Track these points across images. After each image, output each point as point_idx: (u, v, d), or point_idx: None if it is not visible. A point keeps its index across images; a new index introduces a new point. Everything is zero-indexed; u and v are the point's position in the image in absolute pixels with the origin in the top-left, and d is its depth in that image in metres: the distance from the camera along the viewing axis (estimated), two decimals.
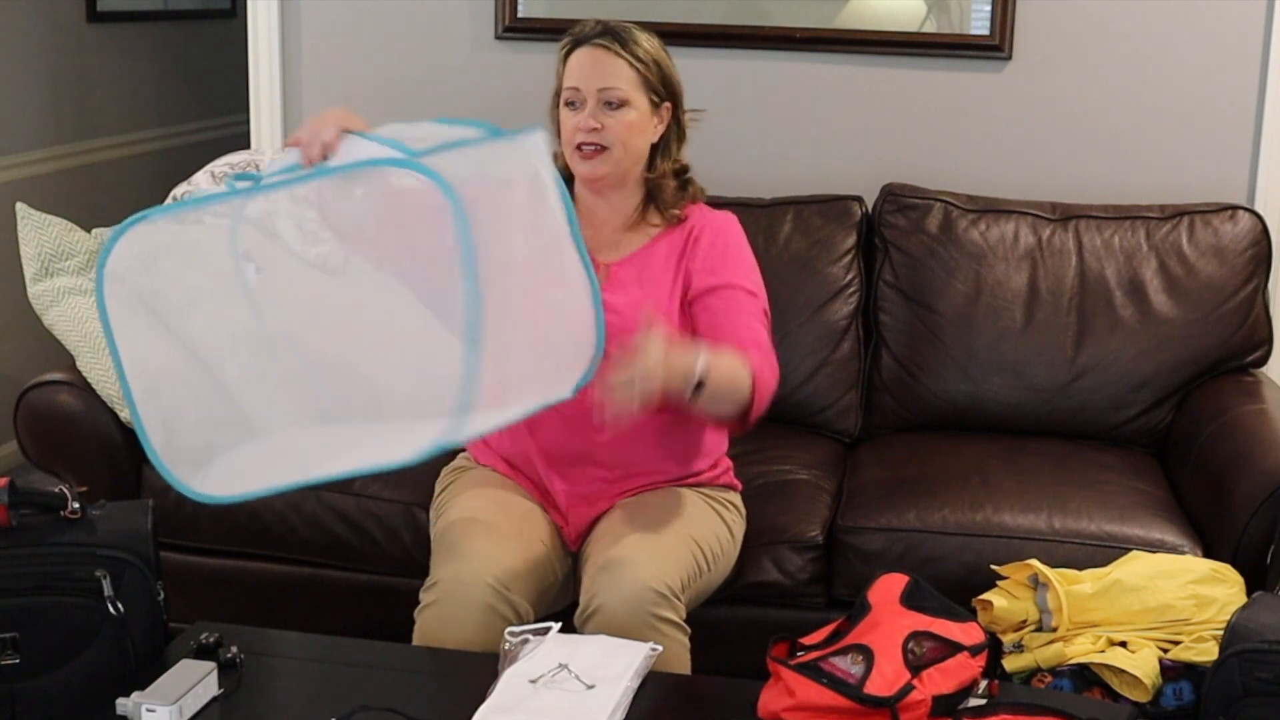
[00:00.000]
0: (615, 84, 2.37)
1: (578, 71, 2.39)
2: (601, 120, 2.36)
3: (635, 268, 2.44)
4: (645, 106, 2.40)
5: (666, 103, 2.43)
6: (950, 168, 3.35)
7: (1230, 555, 2.51)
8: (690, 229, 2.47)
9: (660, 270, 2.44)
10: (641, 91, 2.39)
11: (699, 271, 2.43)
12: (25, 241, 2.98)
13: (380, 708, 1.84)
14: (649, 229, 2.47)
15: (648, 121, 2.41)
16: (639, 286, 2.42)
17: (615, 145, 2.38)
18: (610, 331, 2.31)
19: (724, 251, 2.45)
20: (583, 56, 2.39)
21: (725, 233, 2.48)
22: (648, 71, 2.40)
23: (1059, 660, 2.31)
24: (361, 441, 1.92)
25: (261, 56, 3.59)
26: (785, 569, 2.64)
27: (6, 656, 1.93)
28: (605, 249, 2.45)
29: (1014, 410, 3.08)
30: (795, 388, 3.09)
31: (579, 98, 2.38)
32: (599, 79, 2.37)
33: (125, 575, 1.98)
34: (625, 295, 2.41)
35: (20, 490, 1.98)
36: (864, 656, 1.87)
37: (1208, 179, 3.28)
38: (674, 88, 2.45)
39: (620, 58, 2.38)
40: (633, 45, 2.39)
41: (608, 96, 2.37)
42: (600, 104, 2.37)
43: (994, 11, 3.31)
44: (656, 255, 2.45)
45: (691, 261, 2.44)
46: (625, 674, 1.93)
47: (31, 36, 4.24)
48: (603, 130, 2.36)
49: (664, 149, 2.46)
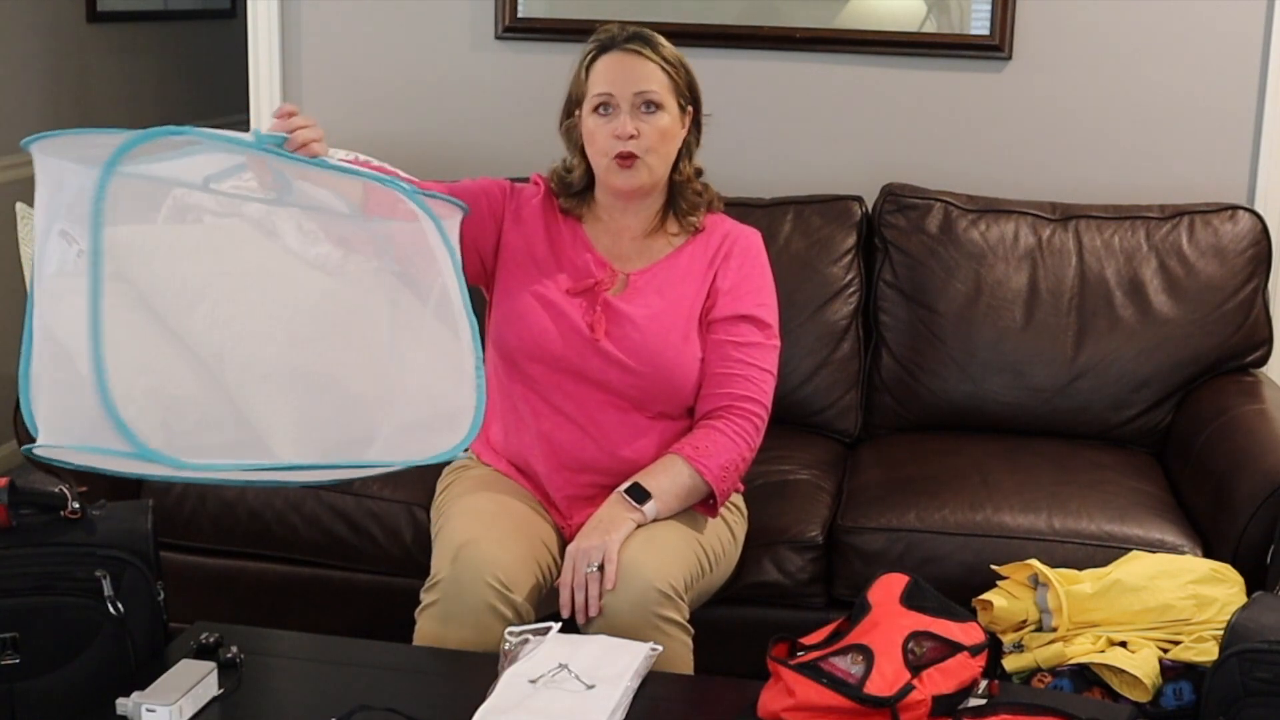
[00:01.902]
0: (650, 85, 2.35)
1: (608, 76, 2.35)
2: (638, 126, 2.33)
3: (656, 278, 2.43)
4: (676, 111, 2.38)
5: (690, 106, 2.42)
6: (950, 168, 3.35)
7: (1230, 555, 2.51)
8: (720, 243, 2.46)
9: (681, 280, 2.43)
10: (672, 96, 2.37)
11: (726, 293, 2.42)
12: (25, 241, 2.99)
13: (380, 708, 1.84)
14: (669, 238, 2.47)
15: (678, 126, 2.39)
16: (659, 296, 2.42)
17: (650, 154, 2.35)
18: (628, 345, 2.32)
19: (749, 275, 2.46)
20: (612, 62, 2.36)
21: (755, 256, 2.48)
22: (677, 75, 2.38)
23: (1059, 660, 2.31)
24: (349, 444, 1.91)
25: (261, 56, 3.59)
26: (785, 569, 2.64)
27: (6, 656, 1.93)
28: (624, 258, 2.45)
29: (1014, 410, 3.08)
30: (795, 388, 3.09)
31: (612, 102, 2.34)
32: (634, 83, 2.34)
33: (125, 575, 1.98)
34: (645, 306, 2.40)
35: (20, 490, 1.98)
36: (864, 656, 1.87)
37: (1208, 179, 3.28)
38: (697, 91, 2.44)
39: (651, 61, 2.36)
40: (661, 49, 2.38)
41: (645, 98, 2.34)
42: (635, 108, 2.34)
43: (994, 11, 3.31)
44: (678, 266, 2.44)
45: (722, 280, 2.43)
46: (625, 674, 1.93)
47: (31, 36, 4.25)
48: (639, 138, 2.34)
49: (686, 152, 2.45)
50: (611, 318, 2.38)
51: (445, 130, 3.54)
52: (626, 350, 2.35)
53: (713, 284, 2.43)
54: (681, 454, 2.34)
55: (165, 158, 1.93)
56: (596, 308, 2.39)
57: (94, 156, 1.83)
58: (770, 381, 2.43)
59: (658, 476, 2.32)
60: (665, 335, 2.38)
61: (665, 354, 2.35)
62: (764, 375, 2.42)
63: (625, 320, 2.38)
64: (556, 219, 2.47)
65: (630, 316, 2.38)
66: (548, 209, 2.48)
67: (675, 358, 2.36)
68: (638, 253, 2.46)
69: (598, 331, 2.36)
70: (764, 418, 2.42)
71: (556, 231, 2.46)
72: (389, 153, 3.44)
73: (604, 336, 2.36)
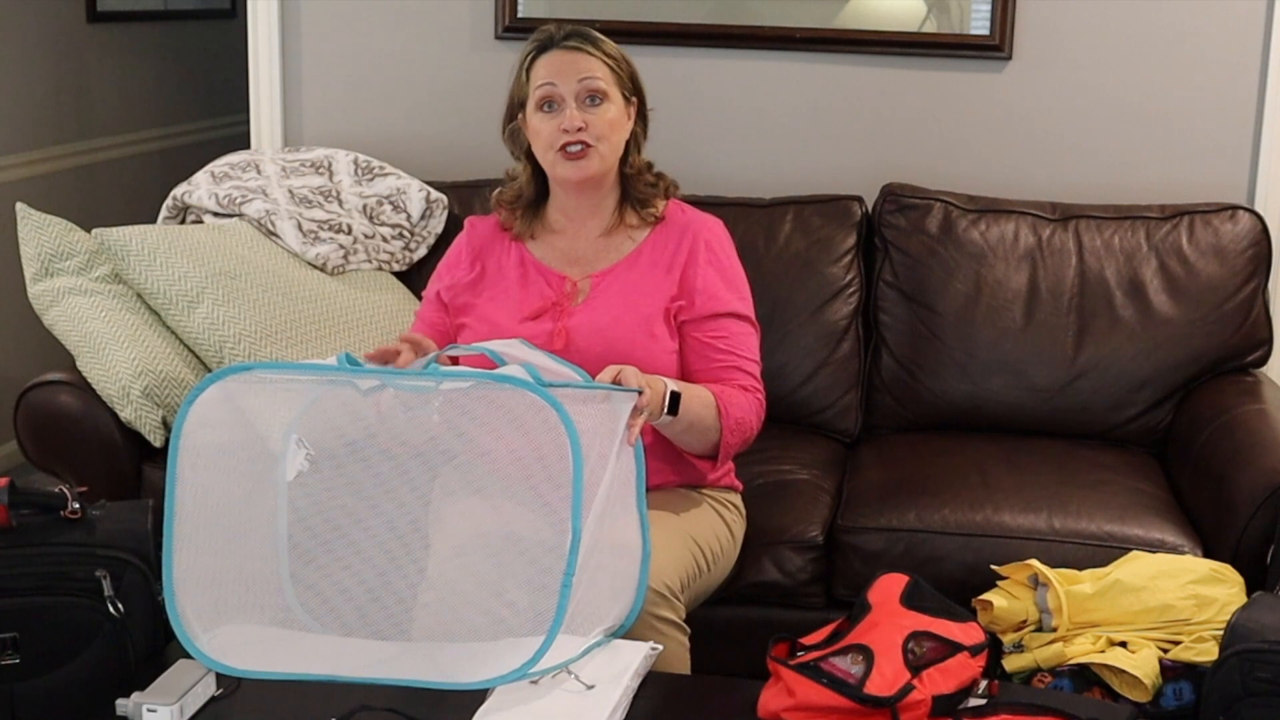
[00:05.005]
0: (593, 77, 2.35)
1: (550, 72, 2.36)
2: (585, 118, 2.34)
3: (619, 278, 2.44)
4: (621, 102, 2.39)
5: (634, 97, 2.43)
6: (950, 168, 3.34)
7: (1230, 555, 2.51)
8: (682, 234, 2.45)
9: (647, 274, 2.43)
10: (616, 88, 2.38)
11: (701, 292, 2.42)
12: (25, 241, 2.98)
13: (380, 708, 1.84)
14: (629, 231, 2.47)
15: (624, 118, 2.40)
16: (623, 296, 2.42)
17: (600, 142, 2.36)
18: (595, 354, 2.31)
19: (722, 270, 2.46)
20: (553, 59, 2.37)
21: (721, 247, 2.48)
22: (619, 68, 2.40)
23: (1059, 660, 2.31)
24: (405, 653, 1.91)
25: (261, 56, 3.59)
26: (785, 569, 2.64)
27: (6, 656, 1.93)
28: (585, 261, 2.45)
29: (1014, 410, 3.08)
30: (795, 388, 3.09)
31: (556, 95, 2.35)
32: (576, 74, 2.35)
33: (125, 575, 1.98)
34: (609, 310, 2.40)
35: (20, 490, 1.98)
36: (864, 656, 1.87)
37: (1208, 179, 3.27)
38: (639, 83, 2.45)
39: (593, 56, 2.37)
40: (602, 44, 2.40)
41: (590, 89, 2.35)
42: (580, 100, 2.35)
43: (994, 11, 3.30)
44: (641, 261, 2.45)
45: (693, 277, 2.42)
46: (625, 674, 1.93)
47: (31, 36, 4.25)
48: (586, 129, 2.35)
49: (634, 144, 2.45)
50: (575, 330, 2.38)
51: (445, 130, 3.54)
52: (594, 358, 2.28)
53: (683, 281, 2.42)
54: (711, 390, 2.34)
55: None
56: (558, 324, 2.39)
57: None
58: (758, 368, 2.45)
59: (690, 402, 2.28)
60: (632, 338, 2.38)
61: (634, 355, 2.30)
62: (752, 364, 2.44)
63: (589, 330, 2.37)
64: (499, 251, 2.48)
65: (595, 323, 2.38)
66: (489, 248, 2.49)
67: (645, 356, 2.33)
68: (599, 253, 2.46)
69: (557, 345, 2.34)
70: (763, 401, 2.44)
71: (498, 266, 2.47)
72: (389, 153, 3.45)
73: (565, 350, 2.33)
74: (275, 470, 1.93)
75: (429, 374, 1.94)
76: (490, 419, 1.91)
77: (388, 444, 1.95)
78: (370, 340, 3.00)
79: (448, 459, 1.97)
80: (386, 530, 1.96)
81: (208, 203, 3.20)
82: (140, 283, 2.91)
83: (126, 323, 2.89)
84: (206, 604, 1.89)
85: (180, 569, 1.87)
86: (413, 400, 1.92)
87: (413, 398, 1.92)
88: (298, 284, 3.02)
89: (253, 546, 1.95)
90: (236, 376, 1.89)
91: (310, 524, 1.96)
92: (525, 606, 1.88)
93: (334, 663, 1.89)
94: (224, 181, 3.24)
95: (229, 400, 1.90)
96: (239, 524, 1.94)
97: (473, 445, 1.96)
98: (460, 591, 1.95)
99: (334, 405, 1.95)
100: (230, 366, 1.96)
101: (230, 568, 1.93)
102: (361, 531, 1.96)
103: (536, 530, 1.92)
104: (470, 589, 1.95)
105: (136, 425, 2.82)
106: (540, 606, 1.84)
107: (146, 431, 2.83)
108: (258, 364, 1.93)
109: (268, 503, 1.95)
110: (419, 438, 1.94)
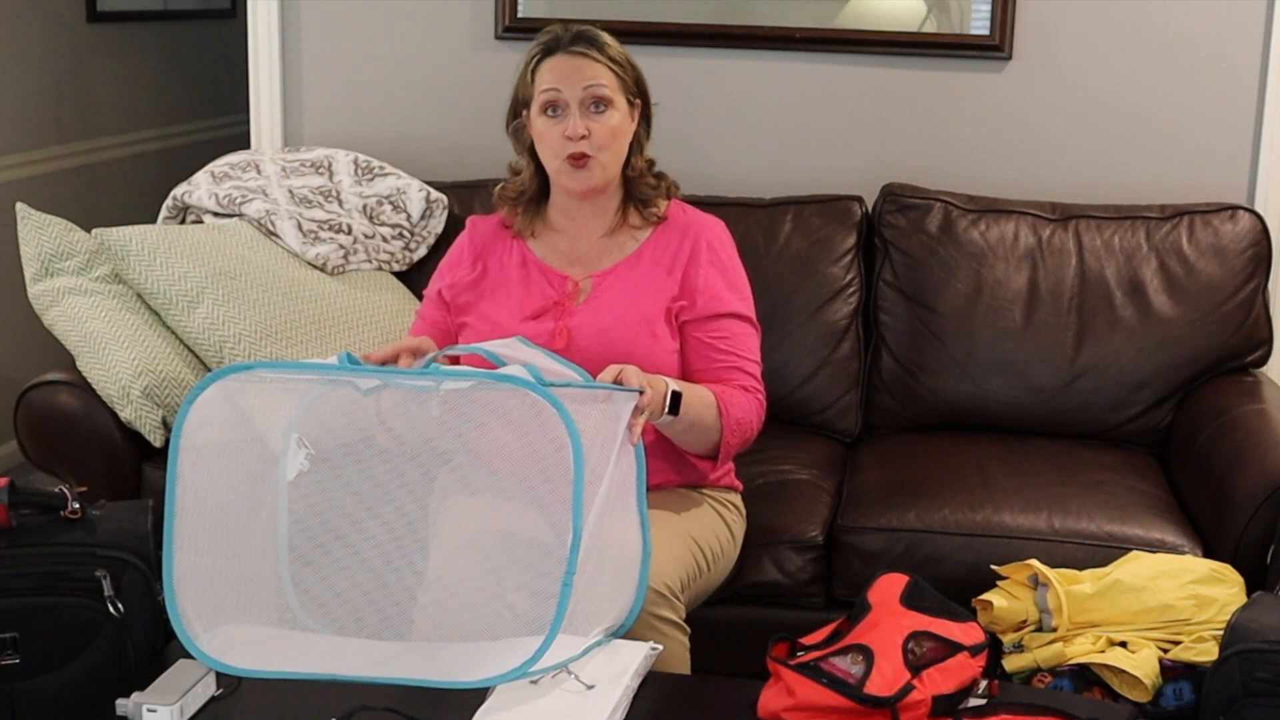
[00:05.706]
0: (598, 85, 2.35)
1: (555, 78, 2.36)
2: (588, 126, 2.34)
3: (621, 277, 2.44)
4: (625, 107, 2.39)
5: (638, 99, 2.43)
6: (950, 168, 3.34)
7: (1230, 555, 2.51)
8: (683, 234, 2.46)
9: (648, 274, 2.43)
10: (620, 93, 2.38)
11: (703, 292, 2.42)
12: (25, 241, 2.98)
13: (380, 708, 1.84)
14: (632, 231, 2.47)
15: (628, 122, 2.40)
16: (625, 296, 2.42)
17: (603, 151, 2.36)
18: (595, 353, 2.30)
19: (723, 271, 2.46)
20: (558, 64, 2.37)
21: (723, 247, 2.48)
22: (624, 73, 2.39)
23: (1059, 660, 2.31)
24: (405, 653, 1.90)
25: (261, 56, 3.59)
26: (785, 569, 2.64)
27: (6, 656, 1.93)
28: (587, 260, 2.45)
29: (1014, 410, 3.08)
30: (795, 388, 3.09)
31: (560, 101, 2.35)
32: (581, 80, 2.35)
33: (125, 575, 1.98)
34: (610, 310, 2.40)
35: (20, 490, 1.98)
36: (864, 656, 1.87)
37: (1208, 179, 3.27)
38: (644, 85, 2.45)
39: (598, 62, 2.37)
40: (606, 48, 2.39)
41: (594, 96, 2.35)
42: (584, 107, 2.35)
43: (994, 11, 3.30)
44: (643, 260, 2.45)
45: (693, 278, 2.42)
46: (625, 674, 1.93)
47: (31, 36, 4.24)
48: (590, 137, 2.34)
49: (637, 146, 2.45)
50: (576, 330, 2.38)
51: (445, 130, 3.54)
52: (595, 358, 2.28)
53: (684, 281, 2.42)
54: (712, 390, 2.35)
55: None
56: (560, 324, 2.39)
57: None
58: (759, 369, 2.46)
59: (691, 402, 2.28)
60: (634, 337, 2.38)
61: (635, 355, 2.31)
62: (753, 364, 2.44)
63: (591, 330, 2.37)
64: (500, 250, 2.49)
65: (596, 323, 2.38)
66: (490, 248, 2.49)
67: (646, 356, 2.33)
68: (601, 252, 2.46)
69: (558, 345, 2.35)
70: (764, 402, 2.44)
71: (500, 266, 2.47)
72: (389, 153, 3.45)
73: (566, 350, 2.33)
74: (275, 470, 1.93)
75: (429, 374, 1.94)
76: (491, 419, 1.91)
77: (387, 445, 1.95)
78: (370, 340, 3.00)
79: (445, 460, 1.97)
80: (384, 533, 1.96)
81: (208, 203, 3.20)
82: (140, 283, 2.92)
83: (126, 323, 2.89)
84: (206, 603, 1.90)
85: (180, 569, 1.87)
86: (413, 400, 1.92)
87: (413, 397, 1.92)
88: (298, 284, 3.02)
89: (253, 546, 1.95)
90: (236, 376, 1.89)
91: (308, 527, 1.96)
92: (525, 606, 1.88)
93: (334, 662, 1.89)
94: (224, 181, 3.24)
95: (229, 400, 1.90)
96: (239, 523, 1.94)
97: (473, 446, 1.96)
98: (460, 593, 1.95)
99: (334, 405, 1.95)
100: (230, 366, 1.96)
101: (230, 567, 1.93)
102: (359, 534, 1.96)
103: (536, 530, 1.92)
104: (470, 590, 1.95)
105: (136, 425, 2.82)
106: (540, 606, 1.84)
107: (146, 431, 2.83)
108: (258, 363, 1.93)
109: (268, 502, 1.95)
110: (419, 438, 1.94)
